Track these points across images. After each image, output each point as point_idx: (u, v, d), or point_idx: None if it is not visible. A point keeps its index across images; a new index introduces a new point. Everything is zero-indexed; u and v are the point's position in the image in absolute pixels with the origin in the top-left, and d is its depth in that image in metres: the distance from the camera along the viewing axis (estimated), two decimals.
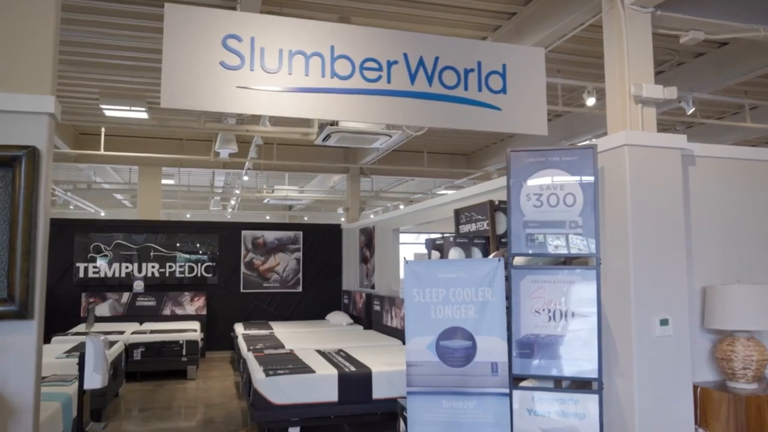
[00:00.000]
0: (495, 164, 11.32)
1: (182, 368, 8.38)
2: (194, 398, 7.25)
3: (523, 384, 3.80)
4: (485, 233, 5.13)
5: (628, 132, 3.74)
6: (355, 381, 5.40)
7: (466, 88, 3.82)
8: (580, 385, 3.92)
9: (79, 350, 6.58)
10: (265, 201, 13.94)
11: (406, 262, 3.67)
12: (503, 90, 3.91)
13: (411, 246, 19.05)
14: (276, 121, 8.66)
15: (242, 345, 7.60)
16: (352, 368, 5.56)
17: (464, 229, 5.58)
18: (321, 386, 5.30)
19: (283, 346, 7.26)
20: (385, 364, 5.78)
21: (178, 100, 3.30)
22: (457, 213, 5.71)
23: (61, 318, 9.80)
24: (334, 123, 7.20)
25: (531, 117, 3.96)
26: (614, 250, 3.77)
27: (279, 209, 18.62)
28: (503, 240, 5.08)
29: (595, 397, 3.59)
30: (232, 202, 15.72)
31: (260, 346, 7.26)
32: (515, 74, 3.95)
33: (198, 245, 10.64)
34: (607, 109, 4.09)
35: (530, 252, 3.79)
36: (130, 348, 8.16)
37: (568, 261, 4.06)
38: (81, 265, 10.06)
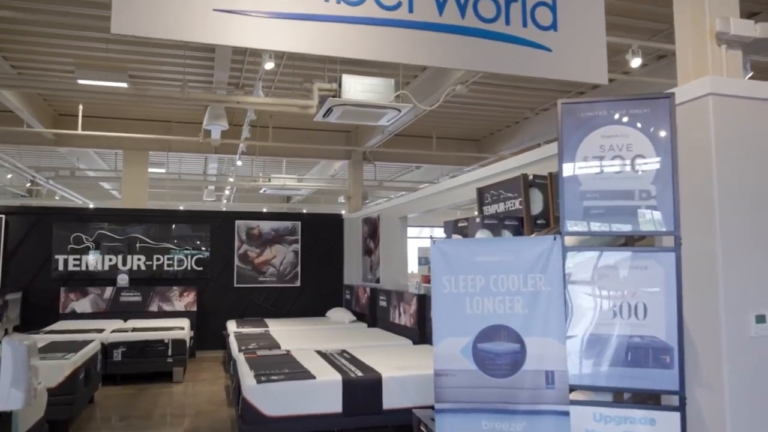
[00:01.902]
0: (509, 149, 10.51)
1: (168, 370, 7.57)
2: (179, 405, 6.44)
3: (572, 397, 3.00)
4: (517, 213, 4.34)
5: (713, 78, 2.94)
6: (362, 388, 4.60)
7: (507, 23, 3.01)
8: (643, 399, 3.13)
9: (49, 350, 5.78)
10: (262, 191, 13.12)
11: (434, 241, 2.86)
12: (553, 26, 3.10)
13: (414, 240, 18.16)
14: (270, 92, 7.84)
15: (233, 344, 6.80)
16: (359, 373, 4.76)
17: (489, 210, 4.78)
18: (322, 395, 4.49)
19: (278, 347, 6.46)
20: (397, 367, 4.98)
21: (135, 25, 2.49)
22: (481, 192, 4.91)
23: (38, 315, 8.97)
24: (336, 94, 6.40)
25: (587, 61, 3.15)
26: (695, 227, 2.97)
27: (276, 201, 17.79)
28: (538, 222, 4.29)
29: (676, 415, 2.80)
30: (227, 192, 14.88)
31: (253, 346, 6.47)
32: (568, 7, 3.14)
33: (188, 236, 9.83)
34: (677, 53, 3.29)
35: (589, 230, 2.99)
36: (109, 348, 7.35)
37: (629, 241, 3.26)
38: (60, 258, 9.25)
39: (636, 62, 4.90)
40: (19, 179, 13.22)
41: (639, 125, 2.98)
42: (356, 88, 6.40)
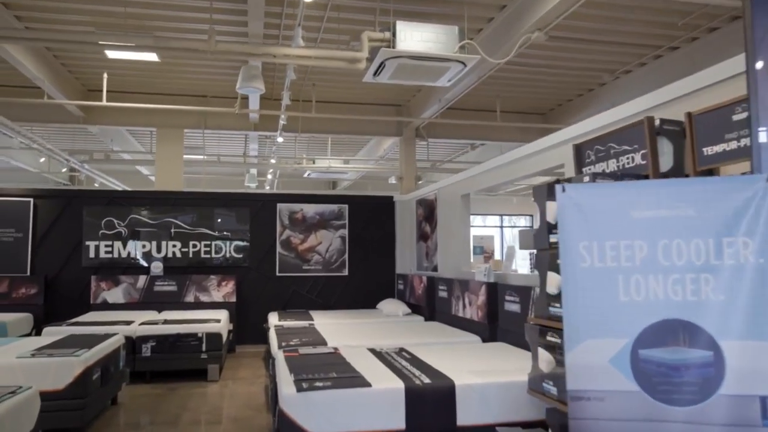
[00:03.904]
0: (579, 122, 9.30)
1: (202, 367, 6.76)
2: (211, 409, 5.60)
3: None
4: (637, 171, 3.25)
5: None
6: (430, 399, 3.61)
7: None
8: None
9: (61, 346, 5.00)
10: (306, 174, 12.29)
11: (563, 188, 1.83)
12: None
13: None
14: (311, 38, 6.88)
15: (273, 340, 5.92)
16: (425, 379, 3.77)
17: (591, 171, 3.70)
18: (380, 407, 3.52)
19: (324, 343, 5.54)
20: (472, 372, 3.96)
21: None
22: (579, 149, 3.84)
23: (68, 305, 8.35)
24: (390, 44, 5.39)
25: None
26: None
27: (321, 187, 16.97)
28: None
29: None
30: (269, 177, 14.11)
31: (295, 342, 5.55)
32: None
33: (227, 221, 9.02)
34: None
35: None
36: (138, 342, 6.59)
37: None
38: (91, 244, 8.58)
39: None
40: (54, 165, 12.74)
41: None
42: (413, 37, 5.37)
